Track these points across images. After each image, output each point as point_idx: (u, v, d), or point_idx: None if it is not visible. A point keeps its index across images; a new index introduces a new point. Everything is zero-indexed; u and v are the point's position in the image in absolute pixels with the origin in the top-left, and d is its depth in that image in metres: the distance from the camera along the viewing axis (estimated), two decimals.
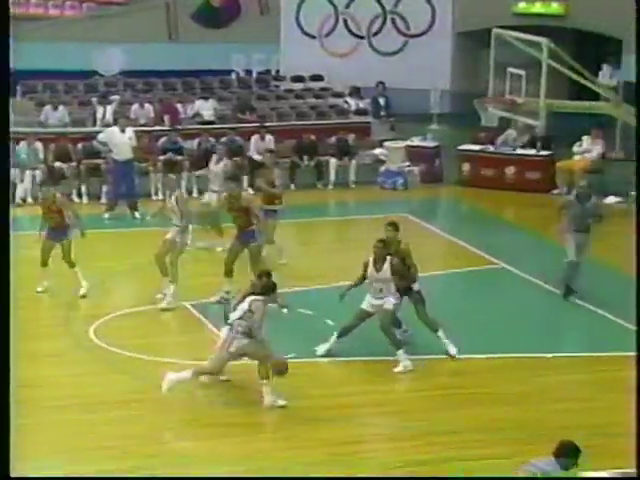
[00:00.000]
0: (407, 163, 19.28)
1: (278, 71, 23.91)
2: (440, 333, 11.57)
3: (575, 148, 18.85)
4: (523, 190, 18.47)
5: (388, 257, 11.17)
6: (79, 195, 18.15)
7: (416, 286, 11.53)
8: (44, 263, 13.30)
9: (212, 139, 18.97)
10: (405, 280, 11.34)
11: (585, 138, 18.82)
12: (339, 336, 11.49)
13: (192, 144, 19.06)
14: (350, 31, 24.65)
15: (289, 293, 13.51)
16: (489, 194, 18.35)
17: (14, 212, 14.27)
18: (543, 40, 18.94)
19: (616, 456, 9.39)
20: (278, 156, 18.91)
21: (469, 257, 14.79)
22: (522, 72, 19.57)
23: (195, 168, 18.59)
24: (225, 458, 9.51)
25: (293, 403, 10.51)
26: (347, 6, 24.57)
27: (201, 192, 18.47)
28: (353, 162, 19.27)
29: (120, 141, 17.18)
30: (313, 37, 24.63)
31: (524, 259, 15.17)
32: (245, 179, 18.80)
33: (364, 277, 11.26)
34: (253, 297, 10.51)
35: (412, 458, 9.47)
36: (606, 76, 22.43)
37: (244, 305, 10.53)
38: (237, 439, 9.81)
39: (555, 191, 18.78)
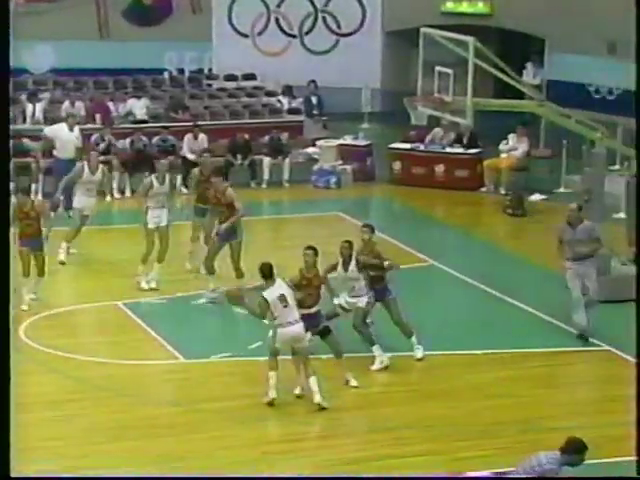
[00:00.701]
0: (340, 162, 19.27)
1: (211, 70, 23.68)
2: (414, 339, 11.48)
3: (501, 146, 19.01)
4: (452, 188, 18.57)
5: (354, 256, 11.20)
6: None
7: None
8: (27, 273, 12.64)
9: (145, 138, 18.74)
10: (379, 269, 11.29)
11: (511, 136, 18.99)
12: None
13: (124, 143, 18.78)
14: (282, 30, 24.54)
15: (223, 292, 13.43)
16: (420, 192, 18.43)
17: None
18: (469, 39, 19.08)
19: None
20: (212, 155, 18.84)
21: (400, 255, 14.78)
22: (450, 71, 19.67)
23: (127, 167, 18.31)
24: (158, 458, 9.40)
25: (226, 403, 10.42)
26: (279, 5, 24.45)
27: (134, 192, 18.21)
28: (286, 161, 19.19)
29: (67, 139, 16.95)
30: (246, 36, 24.46)
31: (453, 256, 15.27)
32: (179, 178, 18.64)
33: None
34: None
35: (348, 456, 9.46)
36: (530, 75, 22.70)
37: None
38: (170, 439, 9.71)
39: (483, 189, 18.93)
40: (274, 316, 10.25)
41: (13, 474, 6.25)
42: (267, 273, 10.36)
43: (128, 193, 18.23)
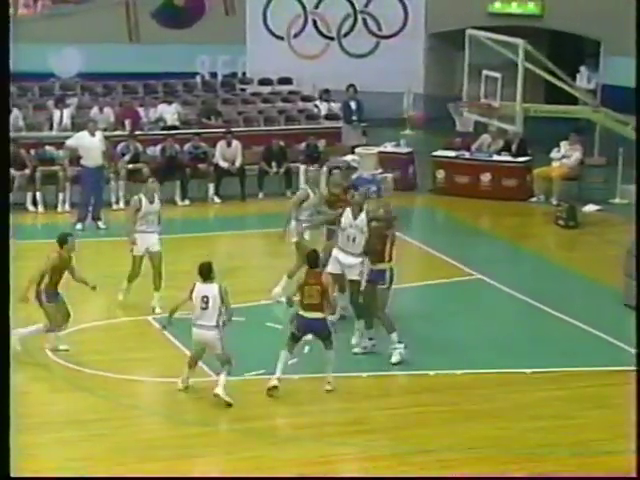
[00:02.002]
0: (380, 170, 19.33)
1: (245, 74, 23.88)
2: (394, 336, 11.67)
3: (553, 154, 18.99)
4: (499, 198, 18.57)
5: (365, 208, 11.93)
6: (34, 204, 18.04)
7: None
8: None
9: (176, 145, 18.94)
10: (382, 236, 11.70)
11: (563, 144, 18.96)
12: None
13: (155, 150, 19.01)
14: (319, 32, 24.69)
15: (258, 306, 13.57)
16: (464, 202, 18.44)
17: None
18: (519, 41, 19.10)
19: (602, 475, 9.48)
20: (245, 163, 19.04)
21: (444, 268, 14.86)
22: (498, 75, 19.69)
23: (158, 176, 18.50)
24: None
25: (261, 422, 10.52)
26: (316, 6, 24.63)
27: (164, 201, 18.40)
28: (323, 169, 19.28)
29: (91, 146, 17.08)
30: (281, 38, 24.64)
31: (501, 269, 15.26)
32: (211, 187, 18.86)
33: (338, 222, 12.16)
34: None
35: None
36: (584, 79, 22.64)
37: None
38: (201, 459, 9.83)
39: (533, 199, 18.92)
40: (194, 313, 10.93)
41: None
42: (204, 273, 10.94)
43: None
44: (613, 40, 22.28)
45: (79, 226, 16.79)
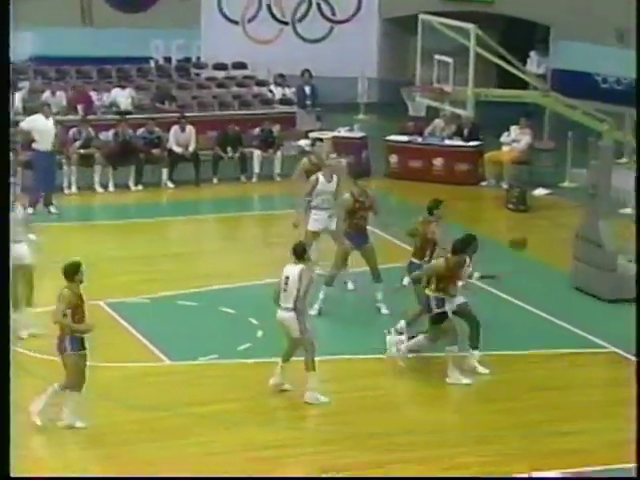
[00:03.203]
0: (334, 155, 19.23)
1: (199, 58, 23.65)
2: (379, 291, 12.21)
3: (503, 138, 19.00)
4: (452, 182, 18.54)
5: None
6: None
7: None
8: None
9: (130, 130, 18.68)
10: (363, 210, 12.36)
11: (513, 128, 18.98)
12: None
13: (108, 135, 18.76)
14: (274, 17, 24.50)
15: (211, 291, 13.45)
16: (417, 186, 18.39)
17: None
18: (470, 26, 19.06)
19: (552, 456, 9.49)
20: (199, 148, 18.86)
21: (398, 252, 14.79)
22: (450, 60, 19.65)
23: (111, 161, 18.31)
24: (140, 465, 9.39)
25: (212, 407, 10.42)
26: None
27: (117, 186, 18.26)
28: (278, 154, 19.18)
29: (45, 129, 16.81)
30: (236, 23, 24.43)
31: None
32: (165, 172, 18.66)
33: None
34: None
35: (337, 462, 9.44)
36: (534, 64, 22.69)
37: None
38: (154, 444, 9.70)
39: (484, 183, 18.93)
40: None
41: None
42: (298, 253, 10.57)
43: (112, 188, 18.25)
44: (563, 25, 22.36)
45: (30, 210, 16.51)
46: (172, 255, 15.19)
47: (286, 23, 24.49)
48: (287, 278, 10.43)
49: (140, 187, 18.48)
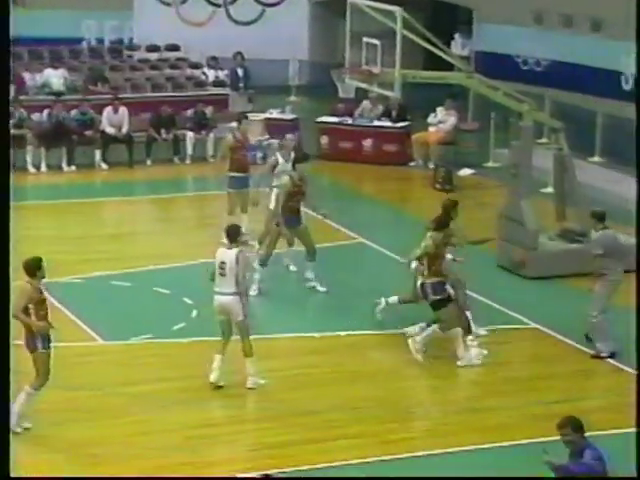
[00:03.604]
0: (266, 136, 19.10)
1: (132, 40, 23.26)
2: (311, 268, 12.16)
3: (430, 119, 19.04)
4: (381, 163, 18.57)
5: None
6: None
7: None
8: None
9: (63, 111, 18.33)
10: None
11: (439, 109, 19.02)
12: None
13: (40, 116, 18.37)
14: None
15: (145, 271, 13.26)
16: (348, 167, 18.39)
17: None
18: (397, 9, 19.01)
19: (478, 431, 9.56)
20: (133, 129, 18.57)
21: (329, 232, 14.76)
22: (377, 42, 19.59)
23: (43, 141, 17.93)
24: (74, 444, 9.28)
25: (147, 386, 10.29)
26: None
27: (50, 167, 17.95)
28: (211, 136, 18.96)
29: None
30: (168, 4, 24.05)
31: (383, 233, 15.27)
32: (98, 153, 18.34)
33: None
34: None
35: (273, 440, 9.39)
36: (458, 46, 22.73)
37: None
38: (88, 424, 9.56)
39: (412, 163, 18.96)
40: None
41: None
42: (232, 236, 10.25)
43: (44, 168, 17.92)
44: (485, 8, 22.45)
45: None
46: (106, 236, 14.95)
47: (218, 5, 24.19)
48: (223, 263, 10.15)
49: (73, 168, 18.17)
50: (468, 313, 11.24)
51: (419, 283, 10.96)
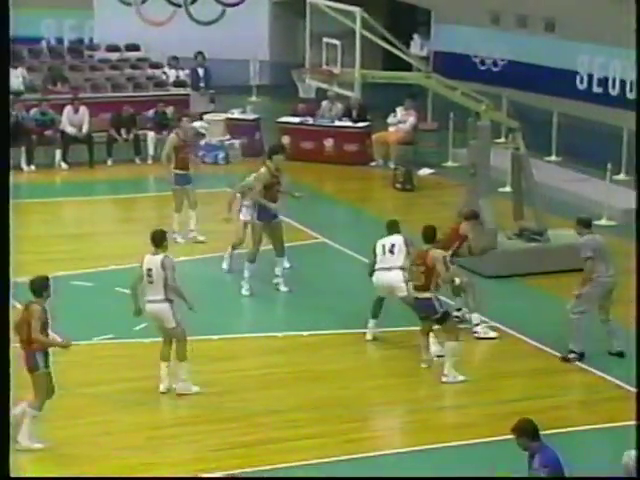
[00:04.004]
0: (227, 136, 19.01)
1: (92, 40, 23.03)
2: (280, 265, 12.05)
3: (389, 119, 19.06)
4: (342, 163, 18.55)
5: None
6: None
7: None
8: None
9: (22, 111, 18.13)
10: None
11: (399, 109, 19.04)
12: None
13: None
14: None
15: (106, 271, 13.13)
16: (309, 167, 18.32)
17: None
18: (356, 10, 19.01)
19: (439, 430, 9.57)
20: (93, 129, 18.39)
21: (291, 232, 14.69)
22: (338, 42, 19.57)
23: None
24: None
25: (110, 386, 10.21)
26: None
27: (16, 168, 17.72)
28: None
29: None
30: (128, 4, 23.85)
31: (344, 233, 15.28)
32: (58, 153, 18.15)
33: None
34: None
35: (236, 440, 9.34)
36: (417, 46, 22.80)
37: None
38: (50, 424, 9.42)
39: (373, 163, 18.96)
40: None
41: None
42: (157, 241, 10.05)
43: None
44: (442, 9, 22.53)
45: None
46: (67, 236, 14.80)
47: (179, 5, 24.04)
48: (150, 270, 9.90)
49: (33, 168, 17.98)
50: (475, 315, 11.35)
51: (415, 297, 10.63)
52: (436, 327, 10.67)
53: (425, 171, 18.42)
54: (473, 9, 21.59)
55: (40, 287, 9.36)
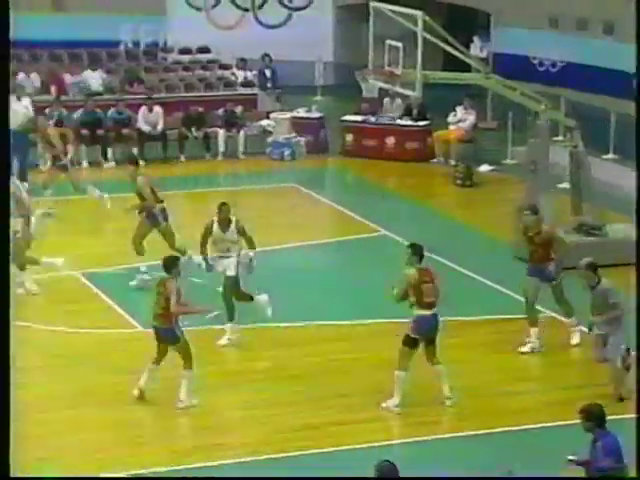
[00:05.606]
0: (293, 134, 19.14)
1: (166, 43, 23.33)
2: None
3: (450, 118, 19.02)
4: (403, 160, 18.55)
5: (233, 219, 11.00)
6: None
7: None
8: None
9: (100, 110, 18.43)
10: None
11: (459, 108, 19.00)
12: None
13: (79, 115, 18.49)
14: (235, 4, 24.24)
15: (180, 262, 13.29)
16: (371, 163, 18.38)
17: None
18: (418, 13, 19.00)
19: (490, 416, 9.55)
20: (167, 127, 18.66)
21: (354, 225, 14.80)
22: (399, 44, 19.59)
23: (83, 140, 18.07)
24: (118, 423, 9.44)
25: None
26: None
27: (90, 163, 18.09)
28: (241, 133, 19.02)
29: (16, 109, 16.58)
30: (199, 9, 24.11)
31: (404, 226, 15.25)
32: (134, 151, 18.40)
33: (206, 240, 11.10)
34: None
35: (306, 422, 9.43)
36: (477, 48, 22.70)
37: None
38: (129, 407, 9.64)
39: (433, 160, 18.94)
40: None
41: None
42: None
43: (85, 164, 18.02)
44: (502, 13, 22.41)
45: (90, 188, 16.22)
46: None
47: (247, 10, 24.23)
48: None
49: (112, 164, 18.26)
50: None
51: None
52: None
53: (485, 168, 18.34)
54: (532, 13, 21.44)
55: (171, 265, 9.80)
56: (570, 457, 7.05)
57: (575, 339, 11.01)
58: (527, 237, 11.26)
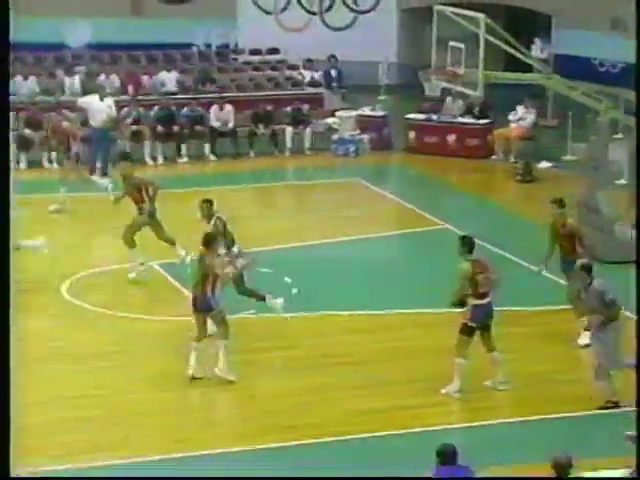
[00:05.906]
0: (358, 131, 19.23)
1: (237, 45, 23.62)
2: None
3: (510, 116, 18.93)
4: (464, 156, 18.52)
5: (215, 216, 11.00)
6: (49, 161, 17.91)
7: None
8: None
9: (175, 109, 18.73)
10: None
11: (519, 107, 18.89)
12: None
13: (155, 113, 18.80)
14: (303, 7, 24.40)
15: (250, 253, 13.47)
16: (433, 160, 18.38)
17: None
18: (480, 15, 18.94)
19: (546, 402, 9.52)
20: (237, 125, 18.89)
21: (416, 218, 14.82)
22: (462, 45, 19.55)
23: (159, 137, 18.40)
24: (198, 406, 9.68)
25: (256, 355, 10.50)
26: None
27: (166, 158, 18.40)
28: (308, 130, 19.16)
29: (98, 108, 17.11)
30: (269, 13, 24.34)
31: (466, 219, 15.19)
32: (207, 146, 18.71)
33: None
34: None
35: (372, 406, 9.52)
36: (538, 49, 22.52)
37: None
38: (208, 389, 9.82)
39: (494, 157, 18.87)
40: None
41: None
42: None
43: (160, 160, 18.32)
44: (562, 15, 22.20)
45: (94, 177, 16.71)
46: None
47: (314, 13, 24.39)
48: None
49: (186, 159, 18.56)
50: None
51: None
52: None
53: (544, 164, 18.21)
54: (593, 14, 21.20)
55: (210, 241, 10.16)
56: (628, 432, 7.04)
57: (584, 339, 10.55)
58: (553, 230, 11.02)
